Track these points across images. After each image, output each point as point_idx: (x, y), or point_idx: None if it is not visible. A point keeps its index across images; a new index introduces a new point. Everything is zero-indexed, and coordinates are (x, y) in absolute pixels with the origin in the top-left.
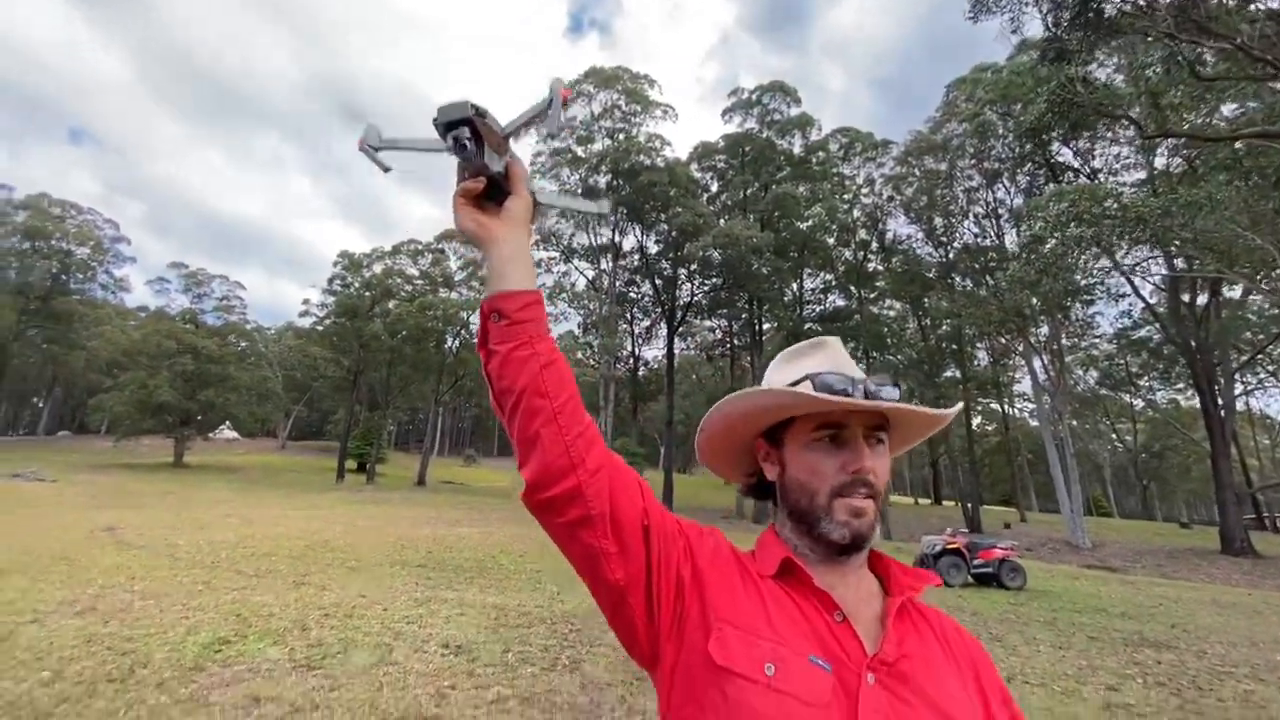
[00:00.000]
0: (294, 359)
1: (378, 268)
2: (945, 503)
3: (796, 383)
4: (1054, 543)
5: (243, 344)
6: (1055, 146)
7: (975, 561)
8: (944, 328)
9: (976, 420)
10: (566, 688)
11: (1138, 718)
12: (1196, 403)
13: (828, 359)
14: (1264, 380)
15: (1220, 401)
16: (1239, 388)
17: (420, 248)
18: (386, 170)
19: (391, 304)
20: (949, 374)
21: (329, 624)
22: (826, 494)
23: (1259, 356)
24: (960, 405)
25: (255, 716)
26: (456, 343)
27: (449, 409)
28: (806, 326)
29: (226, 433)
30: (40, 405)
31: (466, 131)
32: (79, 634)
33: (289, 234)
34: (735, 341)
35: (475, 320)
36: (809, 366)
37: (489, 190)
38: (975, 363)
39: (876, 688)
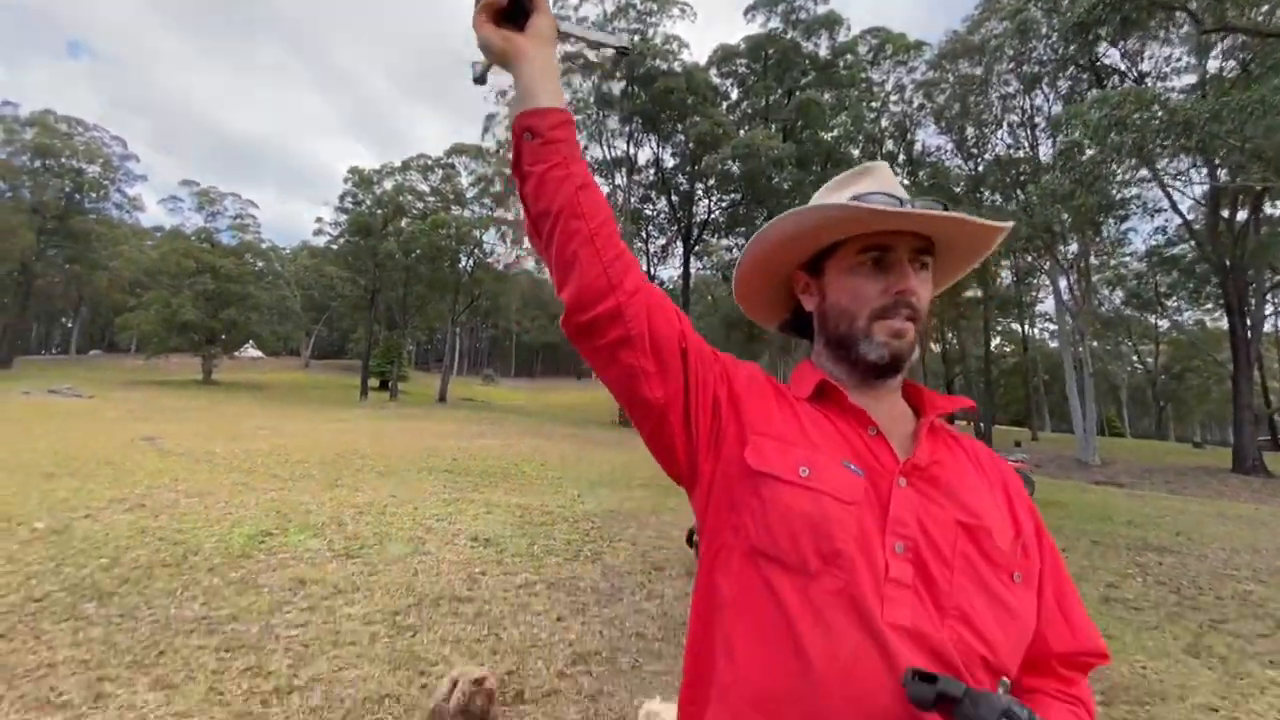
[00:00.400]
0: (311, 278)
1: (388, 184)
2: (958, 422)
3: None
4: (1063, 460)
5: (259, 263)
6: (1103, 47)
7: None
8: None
9: (995, 341)
10: (589, 575)
11: (1134, 610)
12: (1224, 324)
13: (875, 182)
14: None
15: (1249, 322)
16: (1270, 308)
17: (430, 163)
18: None
19: (404, 222)
20: (970, 293)
21: (363, 520)
22: (867, 317)
23: None
24: (1011, 223)
25: (301, 595)
26: (470, 262)
27: (466, 329)
28: None
29: (251, 351)
30: (70, 325)
31: None
32: (131, 527)
33: (298, 151)
34: None
35: (488, 238)
36: (856, 189)
37: (510, 10)
38: (998, 281)
39: (908, 489)
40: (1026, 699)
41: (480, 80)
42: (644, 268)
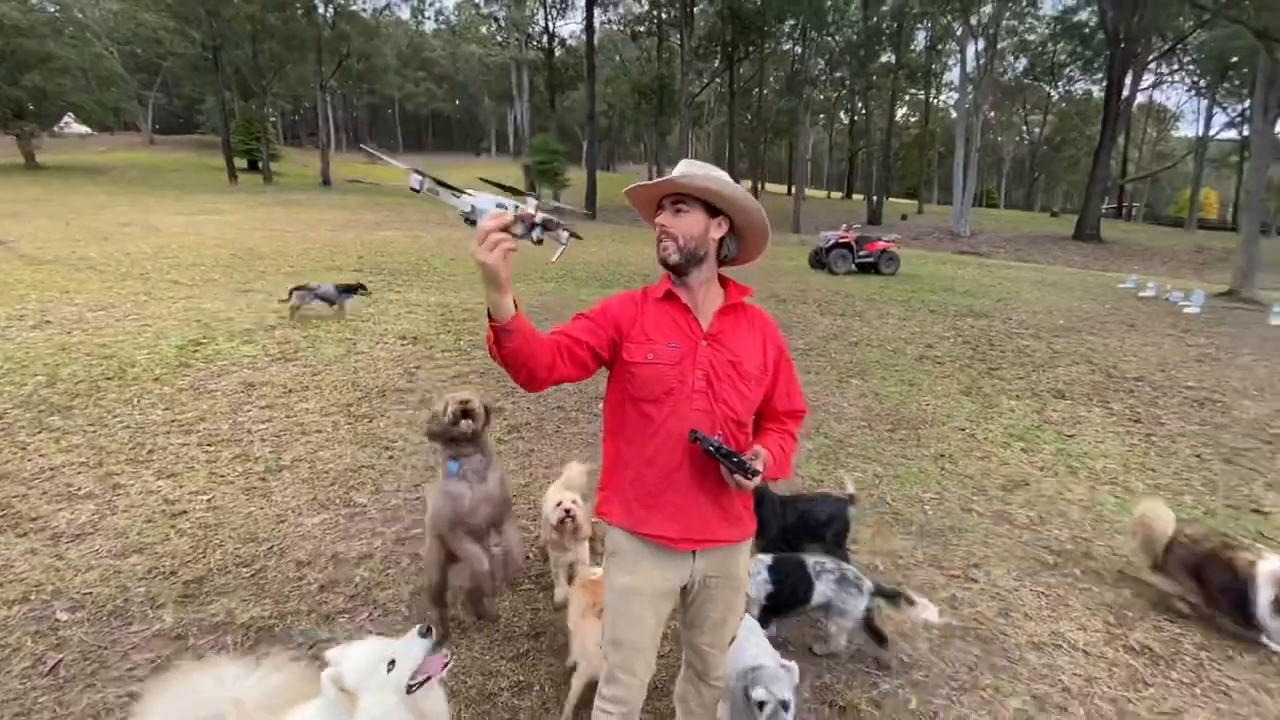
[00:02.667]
0: (127, 30)
1: None
2: (856, 196)
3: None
4: (939, 232)
5: (51, 7)
6: None
7: (861, 253)
8: (887, 4)
9: (901, 111)
10: None
11: (938, 364)
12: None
13: (682, 169)
14: (1174, 71)
15: (1125, 93)
16: (1150, 78)
17: None
18: (435, 193)
19: None
20: (884, 60)
21: (289, 325)
22: (657, 241)
23: (1178, 47)
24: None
25: (256, 396)
26: (331, 9)
27: (338, 97)
28: None
29: (75, 126)
30: None
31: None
32: (49, 344)
33: None
34: (664, 15)
35: None
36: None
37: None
38: (911, 47)
39: (706, 347)
40: (762, 431)
41: (417, 190)
42: (541, 22)
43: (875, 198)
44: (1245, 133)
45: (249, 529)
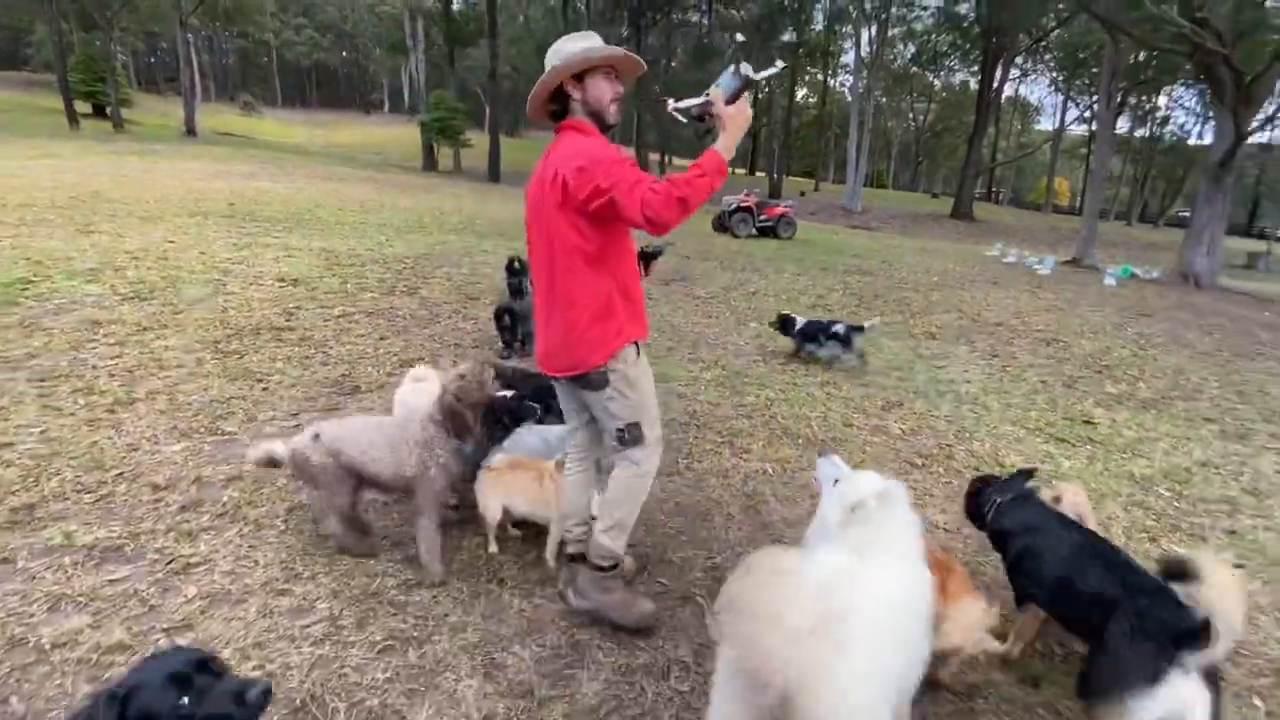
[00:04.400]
0: None
1: None
2: (758, 173)
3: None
4: (833, 207)
5: None
6: None
7: (761, 218)
8: None
9: (801, 93)
10: (407, 305)
11: (827, 311)
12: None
13: (596, 41)
14: (1036, 65)
15: (995, 85)
16: (1016, 72)
17: None
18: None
19: None
20: (785, 38)
21: (144, 265)
22: (609, 101)
23: (1040, 44)
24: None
25: (102, 334)
26: None
27: (202, 37)
28: None
29: None
30: None
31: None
32: None
33: None
34: None
35: None
36: (588, 44)
37: None
38: (812, 27)
39: None
40: None
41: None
42: None
43: (776, 175)
44: (1094, 127)
45: (93, 457)
